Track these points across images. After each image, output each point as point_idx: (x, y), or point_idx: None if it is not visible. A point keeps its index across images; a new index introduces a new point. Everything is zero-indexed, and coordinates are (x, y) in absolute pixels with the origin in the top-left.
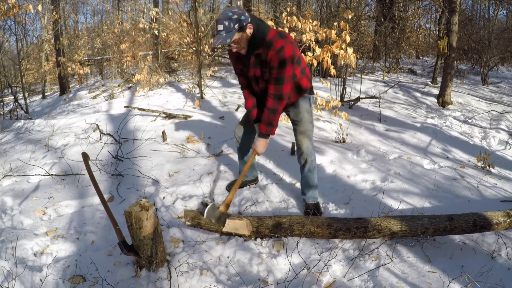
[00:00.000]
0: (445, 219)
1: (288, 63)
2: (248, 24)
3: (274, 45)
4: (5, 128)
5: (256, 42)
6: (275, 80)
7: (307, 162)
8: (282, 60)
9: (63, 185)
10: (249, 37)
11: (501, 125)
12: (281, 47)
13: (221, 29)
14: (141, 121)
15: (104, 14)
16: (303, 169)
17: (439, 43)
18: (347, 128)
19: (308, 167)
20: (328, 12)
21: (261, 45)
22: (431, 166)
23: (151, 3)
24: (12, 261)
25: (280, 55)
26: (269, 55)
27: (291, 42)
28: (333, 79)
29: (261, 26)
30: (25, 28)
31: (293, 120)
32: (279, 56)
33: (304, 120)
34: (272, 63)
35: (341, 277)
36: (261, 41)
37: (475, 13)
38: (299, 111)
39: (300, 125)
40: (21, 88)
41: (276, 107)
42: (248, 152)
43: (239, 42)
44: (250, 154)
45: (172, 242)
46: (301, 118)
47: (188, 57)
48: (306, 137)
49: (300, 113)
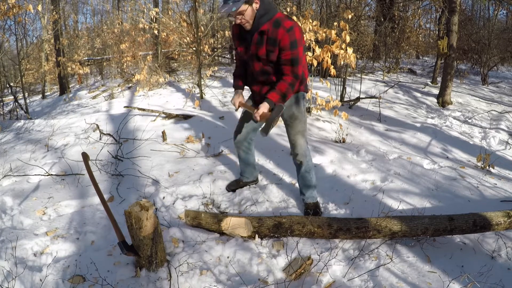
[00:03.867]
0: (445, 219)
1: (299, 44)
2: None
3: (284, 23)
4: (5, 128)
5: (262, 18)
6: (291, 61)
7: (302, 163)
8: (293, 40)
9: (63, 185)
10: (254, 12)
11: (501, 125)
12: (290, 27)
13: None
14: (141, 121)
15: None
16: (300, 170)
17: (439, 43)
18: (347, 128)
19: (304, 168)
20: (328, 12)
21: (267, 22)
22: (431, 166)
23: (151, 3)
24: (12, 261)
25: (291, 34)
26: (279, 33)
27: (299, 25)
28: (333, 79)
29: (269, 5)
30: (25, 28)
31: (286, 120)
32: (290, 35)
33: (298, 120)
34: (283, 42)
35: (341, 277)
36: (268, 19)
37: (475, 13)
38: (293, 111)
39: (294, 125)
40: (21, 88)
41: (294, 83)
42: (250, 152)
43: (244, 14)
44: (251, 153)
45: (172, 242)
46: (295, 118)
47: (188, 57)
48: (300, 138)
49: (293, 113)
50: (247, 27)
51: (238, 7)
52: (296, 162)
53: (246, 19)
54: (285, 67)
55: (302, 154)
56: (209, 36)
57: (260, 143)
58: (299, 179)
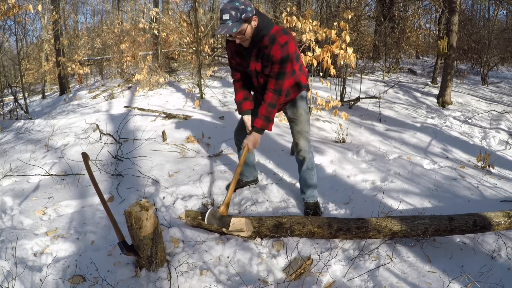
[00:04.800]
0: (446, 219)
1: (290, 59)
2: (253, 16)
3: (278, 39)
4: (5, 128)
5: (259, 35)
6: (276, 75)
7: (305, 159)
8: (285, 55)
9: (63, 185)
10: (253, 30)
11: (501, 125)
12: (285, 42)
13: (227, 19)
14: (141, 121)
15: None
16: (301, 167)
17: (439, 43)
18: (347, 128)
19: (306, 165)
20: (328, 12)
21: (265, 37)
22: (431, 166)
23: (151, 3)
24: (12, 261)
25: (284, 49)
26: (273, 49)
27: (294, 38)
28: (333, 79)
29: (266, 20)
30: (25, 28)
31: (290, 118)
32: (283, 51)
33: (302, 118)
34: (275, 57)
35: (341, 277)
36: (265, 33)
37: (475, 13)
38: (297, 110)
39: (298, 123)
40: (21, 88)
41: (274, 102)
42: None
43: (243, 33)
44: (251, 154)
45: (172, 242)
46: (298, 117)
47: (188, 57)
48: (303, 135)
49: (297, 112)
50: (246, 44)
51: (238, 28)
52: (299, 158)
53: (246, 37)
54: (270, 80)
55: (305, 150)
56: (209, 36)
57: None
58: (300, 177)
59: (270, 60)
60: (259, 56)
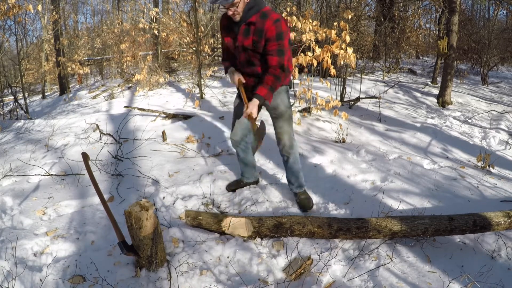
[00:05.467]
0: (446, 219)
1: (285, 36)
2: None
3: (271, 15)
4: (5, 128)
5: (251, 11)
6: (277, 52)
7: (290, 155)
8: (279, 32)
9: (63, 185)
10: (245, 4)
11: (501, 125)
12: (277, 18)
13: None
14: (141, 121)
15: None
16: (287, 163)
17: (439, 43)
18: (347, 128)
19: (292, 159)
20: (328, 12)
21: (255, 14)
22: (431, 166)
23: (151, 3)
24: (12, 261)
25: (277, 25)
26: (266, 24)
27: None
28: (333, 79)
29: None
30: (25, 28)
31: (271, 113)
32: (277, 27)
33: (283, 113)
34: (270, 33)
35: (341, 277)
36: (256, 11)
37: (475, 13)
38: (278, 105)
39: (279, 118)
40: (21, 88)
41: (281, 76)
42: (248, 151)
43: (237, 5)
44: (250, 153)
45: (172, 242)
46: (280, 111)
47: (188, 57)
48: (286, 130)
49: (278, 106)
50: (237, 18)
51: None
52: (284, 154)
53: (238, 10)
54: (271, 58)
55: (289, 146)
56: (209, 36)
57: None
58: (287, 170)
59: (263, 35)
60: (248, 30)
